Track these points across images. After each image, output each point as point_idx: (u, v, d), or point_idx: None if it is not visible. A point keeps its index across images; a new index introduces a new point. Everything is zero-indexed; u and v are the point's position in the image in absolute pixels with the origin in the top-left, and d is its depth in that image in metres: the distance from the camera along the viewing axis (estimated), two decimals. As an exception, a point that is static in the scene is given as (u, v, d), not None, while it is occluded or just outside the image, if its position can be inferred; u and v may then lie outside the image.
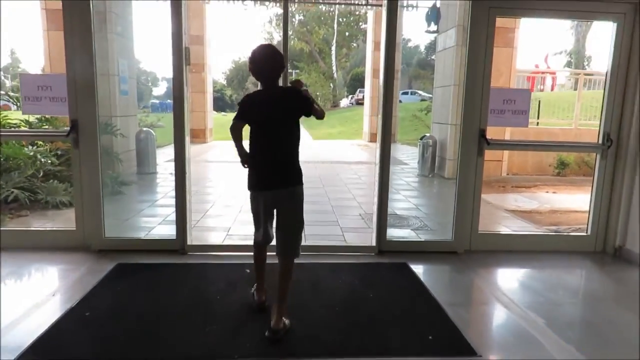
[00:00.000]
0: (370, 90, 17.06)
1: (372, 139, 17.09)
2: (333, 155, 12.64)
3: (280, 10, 39.49)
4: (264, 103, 2.52)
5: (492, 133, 4.02)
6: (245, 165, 2.61)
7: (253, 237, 2.79)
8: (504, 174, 8.72)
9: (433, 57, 42.20)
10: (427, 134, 9.14)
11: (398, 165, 10.42)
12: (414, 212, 5.83)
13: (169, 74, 3.76)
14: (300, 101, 2.51)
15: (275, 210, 2.62)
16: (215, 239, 4.48)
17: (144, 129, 8.75)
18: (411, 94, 32.20)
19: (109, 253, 3.78)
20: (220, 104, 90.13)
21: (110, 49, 7.84)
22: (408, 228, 5.05)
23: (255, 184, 2.61)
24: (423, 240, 4.57)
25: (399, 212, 5.67)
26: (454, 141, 8.48)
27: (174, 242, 3.85)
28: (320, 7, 41.64)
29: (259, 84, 2.55)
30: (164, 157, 11.35)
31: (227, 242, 4.32)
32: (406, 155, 12.33)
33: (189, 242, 3.88)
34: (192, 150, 12.41)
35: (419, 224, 5.23)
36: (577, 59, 33.94)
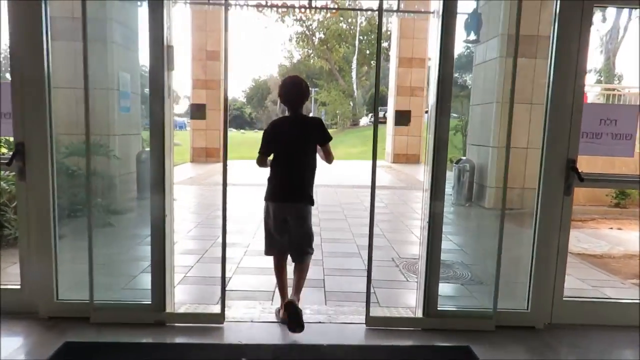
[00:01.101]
0: (394, 108, 16.06)
1: (396, 159, 16.03)
2: (354, 177, 11.61)
3: (300, 29, 39.02)
4: (288, 127, 2.86)
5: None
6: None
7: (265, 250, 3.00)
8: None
9: (459, 73, 41.60)
10: (463, 158, 8.05)
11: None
12: (459, 255, 4.74)
13: (185, 90, 2.86)
14: (321, 131, 2.85)
15: (286, 223, 2.84)
16: (212, 299, 3.42)
17: (147, 149, 7.88)
18: (433, 112, 31.06)
19: (61, 322, 2.79)
20: (239, 122, 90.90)
21: (109, 60, 7.02)
22: (456, 281, 3.96)
23: (271, 195, 2.87)
24: (488, 310, 3.39)
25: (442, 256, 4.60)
26: (497, 166, 7.38)
27: (147, 309, 2.84)
28: (341, 24, 41.25)
29: (286, 110, 2.89)
30: (175, 179, 10.49)
31: (230, 305, 3.25)
32: (435, 179, 11.25)
33: (169, 309, 2.87)
34: (205, 169, 11.53)
35: (468, 274, 4.14)
36: (608, 76, 32.52)
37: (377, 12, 2.90)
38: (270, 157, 2.90)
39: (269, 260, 3.05)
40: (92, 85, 2.84)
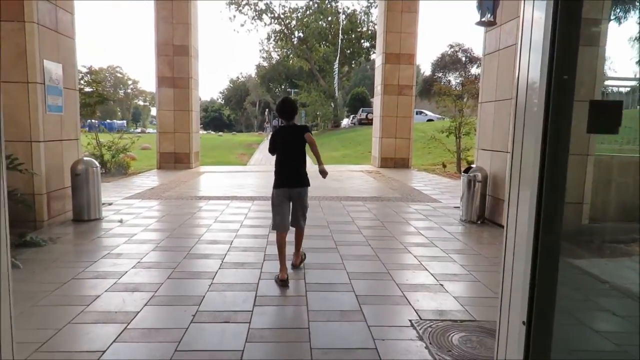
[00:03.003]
0: (381, 109, 14.77)
1: (383, 164, 14.73)
2: (339, 185, 10.24)
3: (278, 27, 37.70)
4: (284, 134, 4.00)
5: None
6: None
7: (272, 225, 4.07)
8: (585, 220, 6.29)
9: (443, 72, 40.25)
10: (473, 166, 6.76)
11: (427, 203, 8.01)
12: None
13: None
14: (304, 129, 4.00)
15: (290, 200, 4.00)
16: None
17: (85, 158, 6.34)
18: (417, 113, 30.01)
19: None
20: (217, 124, 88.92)
21: (28, 45, 5.49)
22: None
23: (279, 184, 3.97)
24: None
25: (470, 312, 3.24)
26: (516, 176, 6.07)
27: None
28: (320, 22, 39.92)
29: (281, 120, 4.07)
30: (129, 191, 8.98)
31: None
32: (428, 186, 9.95)
33: None
34: (171, 178, 9.89)
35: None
36: None
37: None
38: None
39: None
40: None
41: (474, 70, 35.17)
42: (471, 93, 13.90)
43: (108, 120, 14.07)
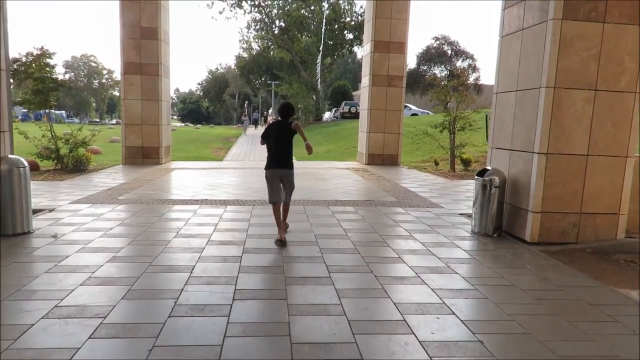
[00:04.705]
0: (369, 101, 13.64)
1: (371, 161, 13.65)
2: (325, 186, 9.09)
3: (258, 16, 36.10)
4: (277, 127, 4.93)
5: None
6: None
7: (268, 199, 5.01)
8: (621, 234, 5.30)
9: (428, 65, 38.97)
10: (489, 168, 5.69)
11: (427, 209, 6.94)
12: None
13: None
14: (291, 129, 4.85)
15: (280, 180, 4.94)
16: None
17: (10, 156, 5.02)
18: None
19: None
20: (195, 116, 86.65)
21: None
22: None
23: (270, 165, 4.93)
24: None
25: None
26: (543, 182, 5.06)
27: None
28: (302, 11, 38.48)
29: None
30: (82, 192, 7.52)
31: None
32: (423, 187, 8.88)
33: None
34: (135, 176, 8.09)
35: None
36: None
37: None
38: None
39: None
40: None
41: (460, 63, 34.45)
42: (466, 85, 12.88)
43: (46, 110, 12.42)
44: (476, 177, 5.63)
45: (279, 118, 5.01)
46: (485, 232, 5.50)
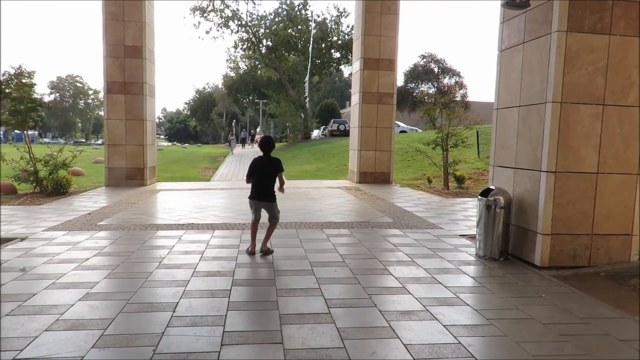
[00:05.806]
0: (359, 119, 13.41)
1: (362, 179, 13.34)
2: (318, 207, 8.72)
3: (245, 35, 36.12)
4: (261, 163, 5.18)
5: None
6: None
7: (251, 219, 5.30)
8: (634, 256, 5.01)
9: (416, 83, 39.23)
10: (492, 187, 5.38)
11: (426, 230, 6.60)
12: None
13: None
14: (277, 165, 5.16)
15: (261, 209, 5.25)
16: None
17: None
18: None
19: None
20: (182, 135, 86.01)
21: None
22: None
23: (253, 196, 5.20)
24: None
25: None
26: (552, 202, 4.76)
27: None
28: (289, 30, 38.55)
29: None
30: (59, 217, 6.93)
31: None
32: (419, 207, 8.55)
33: None
34: (118, 198, 7.41)
35: None
36: None
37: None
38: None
39: None
40: None
41: (447, 80, 34.64)
42: (455, 102, 12.73)
43: (17, 131, 12.06)
44: (479, 197, 5.31)
45: (261, 152, 5.26)
46: (491, 256, 5.17)
